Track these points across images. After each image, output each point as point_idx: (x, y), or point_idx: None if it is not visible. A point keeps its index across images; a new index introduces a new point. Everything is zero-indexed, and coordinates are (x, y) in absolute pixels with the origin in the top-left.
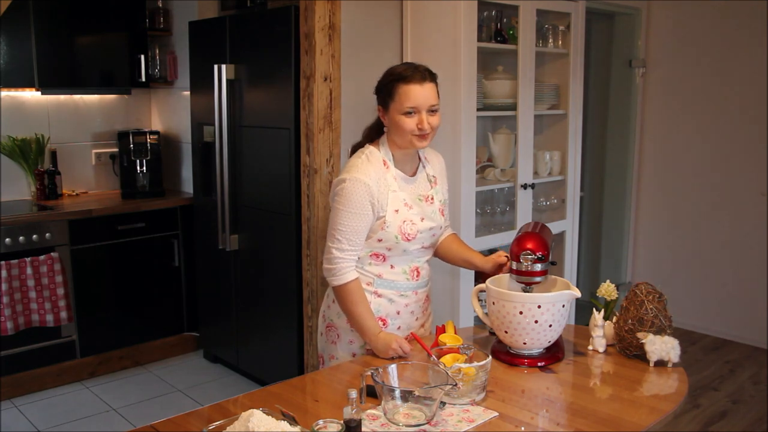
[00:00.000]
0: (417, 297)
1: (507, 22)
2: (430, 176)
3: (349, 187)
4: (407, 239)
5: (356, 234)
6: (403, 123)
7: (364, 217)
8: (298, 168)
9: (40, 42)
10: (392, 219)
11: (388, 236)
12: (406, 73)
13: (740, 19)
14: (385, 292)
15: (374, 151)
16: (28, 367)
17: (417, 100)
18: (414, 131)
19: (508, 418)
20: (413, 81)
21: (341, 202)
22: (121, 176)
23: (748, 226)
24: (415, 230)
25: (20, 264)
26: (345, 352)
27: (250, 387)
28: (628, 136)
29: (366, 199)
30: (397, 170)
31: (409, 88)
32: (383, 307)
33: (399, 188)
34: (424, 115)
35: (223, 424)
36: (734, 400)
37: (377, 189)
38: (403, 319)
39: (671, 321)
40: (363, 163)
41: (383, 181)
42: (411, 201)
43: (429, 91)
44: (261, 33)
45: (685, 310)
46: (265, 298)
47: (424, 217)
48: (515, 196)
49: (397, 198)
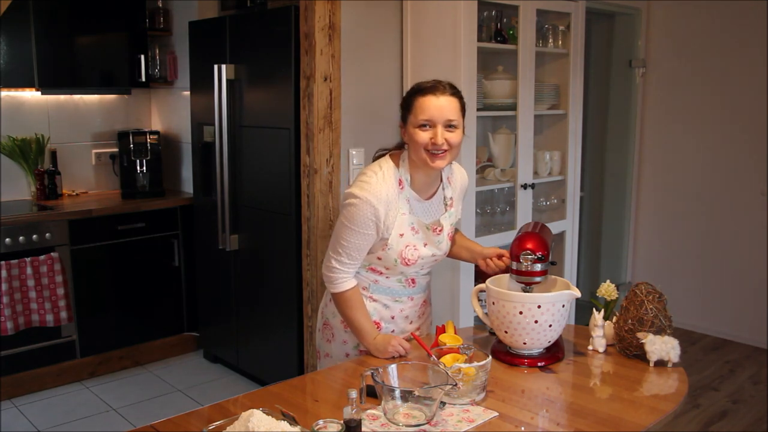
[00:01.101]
0: (413, 302)
1: (507, 22)
2: (447, 199)
3: (357, 205)
4: (406, 264)
5: (358, 251)
6: (417, 136)
7: (368, 237)
8: (298, 168)
9: (40, 42)
10: (395, 242)
11: (387, 258)
12: (426, 85)
13: (740, 19)
14: (380, 297)
15: (392, 167)
16: (28, 367)
17: (431, 111)
18: (427, 145)
19: (508, 418)
20: (430, 93)
21: (348, 219)
22: (121, 176)
23: (748, 226)
24: (416, 256)
25: (20, 264)
26: (339, 351)
27: (250, 387)
28: (628, 136)
29: (372, 221)
30: (412, 191)
31: (425, 99)
32: (378, 311)
33: (409, 211)
34: (440, 129)
35: (223, 424)
36: (734, 400)
37: (385, 212)
38: (397, 323)
39: (671, 321)
40: (378, 181)
41: (393, 203)
42: (418, 226)
43: (446, 104)
44: (261, 33)
45: (685, 310)
46: (265, 298)
47: (427, 243)
48: (515, 196)
49: (404, 222)
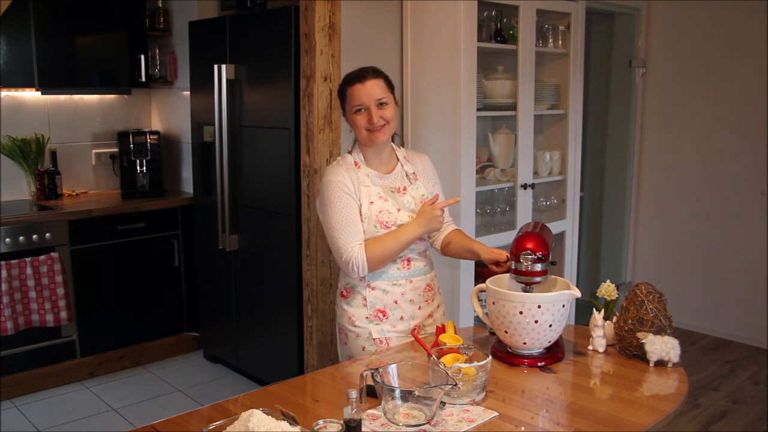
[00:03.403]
0: (412, 285)
1: (507, 22)
2: (408, 174)
3: (325, 190)
4: (386, 227)
5: (351, 223)
6: (356, 121)
7: (351, 206)
8: (298, 168)
9: (40, 42)
10: (368, 210)
11: (367, 227)
12: (351, 76)
13: (740, 19)
14: (378, 284)
15: (346, 155)
16: (28, 367)
17: (362, 98)
18: (366, 126)
19: (508, 418)
20: (356, 81)
21: (325, 204)
22: (121, 176)
23: (748, 226)
24: (394, 218)
25: (20, 264)
26: (356, 348)
27: (250, 387)
28: (628, 136)
29: (345, 192)
30: (369, 169)
31: (354, 88)
32: (379, 299)
33: (372, 183)
34: (374, 110)
35: (223, 424)
36: (734, 400)
37: (351, 182)
38: (403, 308)
39: (671, 321)
40: (334, 166)
41: (355, 177)
42: (385, 194)
43: (372, 87)
44: (261, 33)
45: (685, 310)
46: (265, 297)
47: (400, 208)
48: (515, 196)
49: (371, 192)
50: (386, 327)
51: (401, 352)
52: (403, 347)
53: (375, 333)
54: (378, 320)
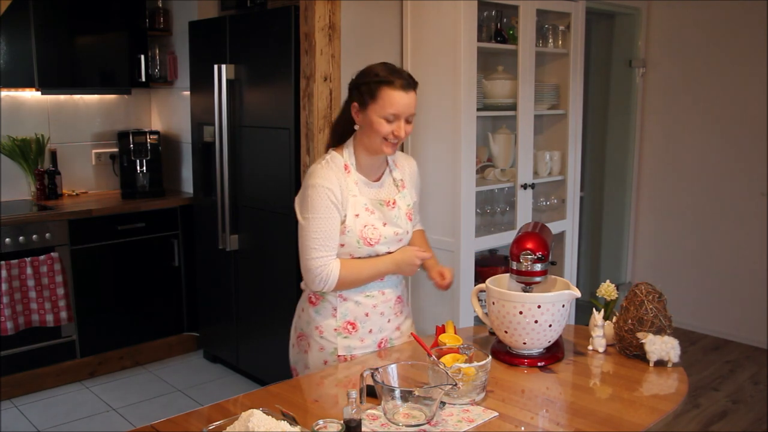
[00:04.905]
0: (385, 297)
1: (507, 22)
2: (397, 180)
3: (311, 194)
4: (369, 244)
5: (330, 238)
6: (380, 126)
7: (333, 220)
8: (298, 168)
9: (40, 42)
10: (352, 223)
11: (349, 241)
12: (392, 77)
13: (740, 19)
14: (350, 295)
15: (336, 155)
16: (28, 367)
17: (400, 108)
18: (388, 136)
19: (508, 418)
20: (399, 87)
21: (308, 210)
22: (121, 176)
23: (748, 226)
24: (378, 235)
25: (20, 264)
26: (317, 360)
27: (250, 387)
28: (628, 136)
29: (331, 203)
30: (359, 175)
31: (395, 94)
32: (350, 310)
33: (360, 193)
34: (402, 124)
35: (223, 424)
36: (734, 400)
37: (340, 192)
38: (373, 321)
39: (671, 321)
40: (323, 168)
41: (345, 184)
42: (372, 206)
43: (411, 100)
44: (261, 33)
45: (685, 310)
46: (265, 298)
47: (386, 222)
48: (515, 196)
49: (358, 202)
50: (354, 342)
51: (401, 352)
52: (403, 347)
53: (341, 350)
54: (347, 333)
